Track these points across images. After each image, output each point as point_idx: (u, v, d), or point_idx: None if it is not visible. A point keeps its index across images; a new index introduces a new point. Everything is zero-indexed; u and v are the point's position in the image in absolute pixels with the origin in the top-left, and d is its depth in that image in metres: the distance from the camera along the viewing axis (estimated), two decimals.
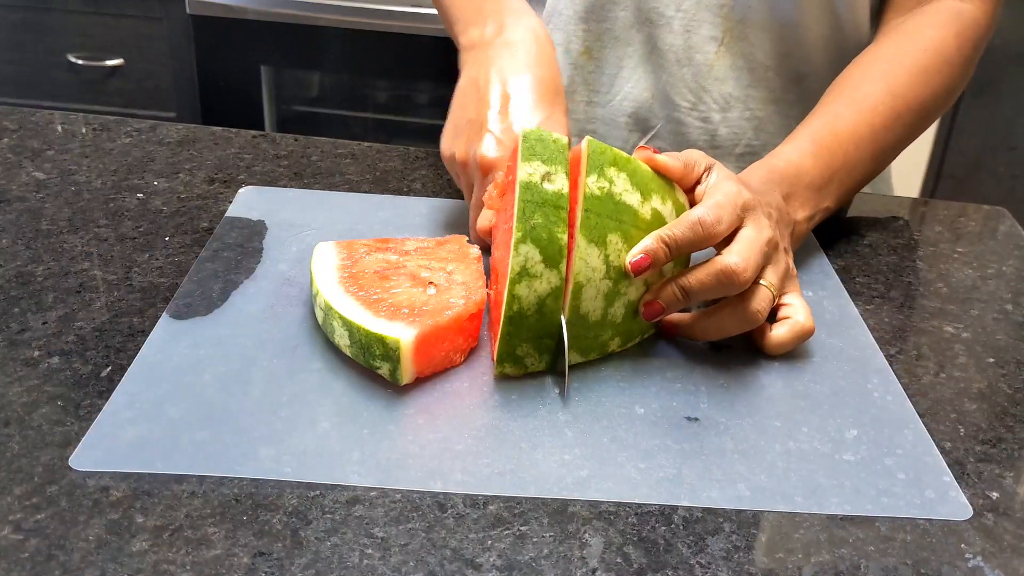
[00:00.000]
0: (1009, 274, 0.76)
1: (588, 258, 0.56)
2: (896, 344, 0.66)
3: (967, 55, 0.78)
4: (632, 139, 0.91)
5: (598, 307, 0.57)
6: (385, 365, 0.56)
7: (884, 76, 0.75)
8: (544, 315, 0.56)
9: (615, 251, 0.56)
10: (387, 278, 0.61)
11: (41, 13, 1.90)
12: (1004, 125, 2.08)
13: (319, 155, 0.87)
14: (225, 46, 1.88)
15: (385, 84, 1.97)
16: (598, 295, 0.57)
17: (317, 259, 0.63)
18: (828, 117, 0.74)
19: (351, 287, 0.59)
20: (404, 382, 0.56)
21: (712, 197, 0.59)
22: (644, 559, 0.47)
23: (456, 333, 0.58)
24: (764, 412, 0.57)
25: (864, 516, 0.50)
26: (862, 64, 0.77)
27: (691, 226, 0.58)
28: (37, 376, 0.56)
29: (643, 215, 0.58)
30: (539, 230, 0.55)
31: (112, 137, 0.88)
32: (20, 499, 0.48)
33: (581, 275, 0.56)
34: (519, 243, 0.54)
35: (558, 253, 0.55)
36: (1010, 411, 0.60)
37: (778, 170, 0.69)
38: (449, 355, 0.58)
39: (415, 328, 0.55)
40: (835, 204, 0.73)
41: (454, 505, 0.49)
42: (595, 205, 0.56)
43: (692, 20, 0.84)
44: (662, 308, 0.59)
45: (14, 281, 0.65)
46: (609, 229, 0.56)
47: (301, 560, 0.45)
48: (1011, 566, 0.48)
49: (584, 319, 0.57)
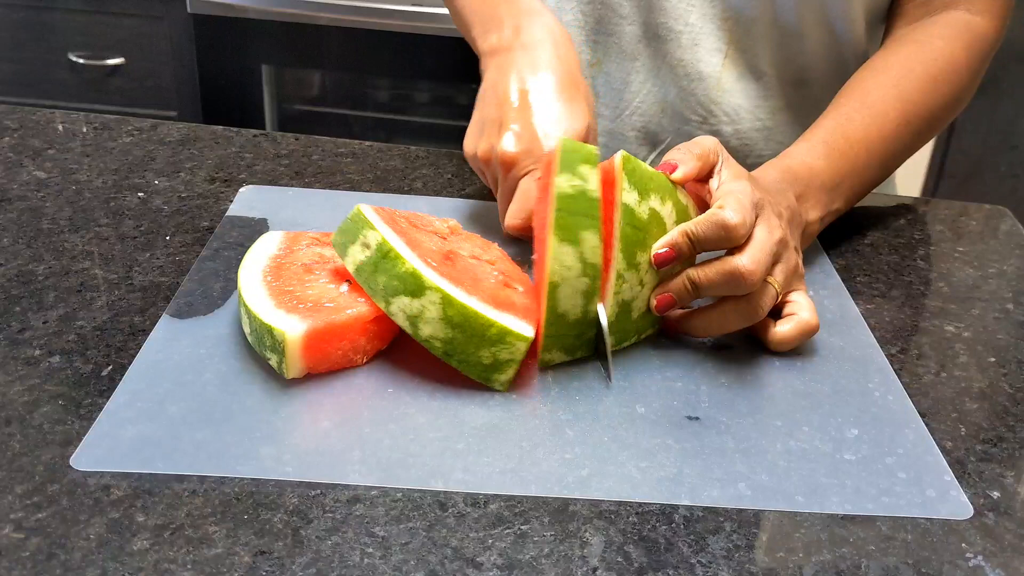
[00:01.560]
0: (1010, 273, 0.76)
1: (562, 257, 0.56)
2: (897, 343, 0.66)
3: (975, 67, 0.80)
4: (641, 153, 0.92)
5: (577, 305, 0.57)
6: (274, 357, 0.56)
7: (895, 83, 0.76)
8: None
9: (591, 249, 0.56)
10: (311, 271, 0.60)
11: (42, 12, 1.90)
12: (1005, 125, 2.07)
13: (320, 154, 0.87)
14: (226, 45, 1.88)
15: (386, 83, 1.97)
16: (575, 293, 0.56)
17: (255, 247, 0.63)
18: (840, 120, 0.74)
19: (269, 276, 0.59)
20: (289, 376, 0.56)
21: (733, 197, 0.59)
22: (645, 558, 0.47)
23: (357, 334, 0.57)
24: (765, 411, 0.57)
25: (865, 515, 0.50)
26: (873, 70, 0.78)
27: (716, 227, 0.58)
28: (38, 375, 0.56)
29: (640, 214, 0.58)
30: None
31: (113, 136, 0.88)
32: (21, 498, 0.48)
33: (556, 275, 0.56)
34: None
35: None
36: (1011, 410, 0.60)
37: (792, 170, 0.69)
38: (348, 355, 0.57)
39: (307, 323, 0.55)
40: (844, 206, 0.74)
41: (455, 504, 0.49)
42: (567, 204, 0.56)
43: (698, 33, 0.85)
44: (673, 301, 0.60)
45: (15, 280, 0.65)
46: (583, 227, 0.56)
47: (302, 559, 0.45)
48: (1012, 565, 0.48)
49: (563, 318, 0.57)
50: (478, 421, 0.55)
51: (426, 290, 0.54)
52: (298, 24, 1.83)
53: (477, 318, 0.54)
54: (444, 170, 0.85)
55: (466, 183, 0.83)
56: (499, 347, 0.55)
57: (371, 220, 0.57)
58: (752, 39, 0.85)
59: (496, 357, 0.55)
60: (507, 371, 0.56)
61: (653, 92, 0.89)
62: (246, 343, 0.59)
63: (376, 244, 0.56)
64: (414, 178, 0.83)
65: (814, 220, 0.70)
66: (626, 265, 0.57)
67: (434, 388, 0.57)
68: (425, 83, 1.96)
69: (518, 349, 0.55)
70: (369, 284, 0.56)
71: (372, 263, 0.56)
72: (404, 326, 0.55)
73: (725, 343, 0.63)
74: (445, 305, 0.54)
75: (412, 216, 0.64)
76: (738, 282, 0.58)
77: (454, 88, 1.94)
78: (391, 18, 1.79)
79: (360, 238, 0.57)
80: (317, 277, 0.60)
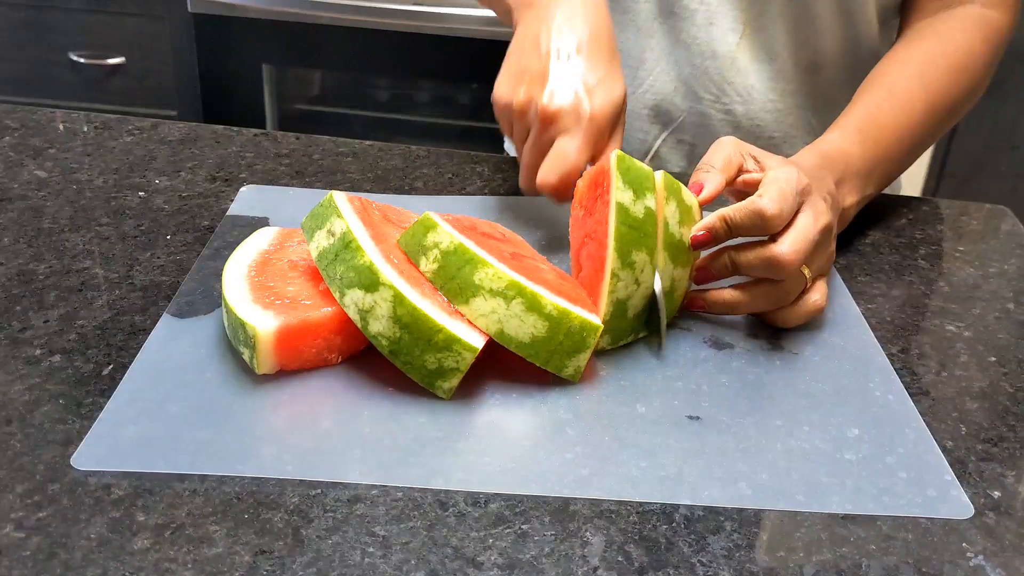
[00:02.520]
0: (1011, 273, 0.76)
1: (477, 309, 0.55)
2: (898, 343, 0.66)
3: (990, 59, 0.83)
4: (654, 131, 0.92)
5: (528, 323, 0.55)
6: (246, 351, 0.56)
7: (920, 75, 0.78)
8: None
9: (490, 281, 0.55)
10: (297, 268, 0.60)
11: (43, 12, 1.90)
12: (1007, 124, 2.07)
13: (320, 153, 0.87)
14: (227, 44, 1.88)
15: (386, 82, 1.97)
16: (516, 318, 0.55)
17: (248, 241, 0.63)
18: (870, 108, 0.76)
19: (253, 271, 0.59)
20: (260, 371, 0.56)
21: (775, 185, 0.60)
22: (645, 558, 0.47)
23: (332, 333, 0.56)
24: (765, 411, 0.57)
25: (865, 515, 0.50)
26: (897, 61, 0.80)
27: (753, 215, 0.60)
28: (39, 374, 0.56)
29: (634, 213, 0.58)
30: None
31: (114, 135, 0.88)
32: (22, 497, 0.48)
33: (490, 328, 0.55)
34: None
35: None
36: (1012, 410, 0.60)
37: (829, 156, 0.70)
38: (322, 353, 0.57)
39: (279, 320, 0.55)
40: (875, 191, 0.76)
41: (455, 503, 0.49)
42: (442, 273, 0.55)
43: (714, 12, 0.86)
44: (713, 277, 0.63)
45: (16, 279, 0.65)
46: (468, 275, 0.55)
47: (303, 558, 0.45)
48: (1013, 565, 0.48)
49: (533, 344, 0.56)
50: (479, 420, 0.55)
51: (380, 286, 0.54)
52: (299, 23, 1.83)
53: (426, 321, 0.53)
54: (445, 169, 0.85)
55: (467, 182, 0.83)
56: (445, 354, 0.54)
57: (340, 208, 0.57)
58: (767, 19, 0.86)
59: (441, 364, 0.54)
60: (451, 379, 0.55)
61: (667, 70, 0.89)
62: None
63: (340, 233, 0.56)
64: (415, 177, 0.83)
65: (851, 205, 0.72)
66: (621, 264, 0.57)
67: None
68: (426, 82, 1.96)
69: (464, 359, 0.54)
70: (328, 272, 0.56)
71: (334, 251, 0.56)
72: (355, 319, 0.55)
73: (726, 343, 0.63)
74: (396, 303, 0.53)
75: (388, 209, 0.63)
76: (776, 269, 0.60)
77: (455, 88, 1.94)
78: (392, 17, 1.79)
79: (327, 225, 0.57)
80: (301, 274, 0.59)
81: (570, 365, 0.56)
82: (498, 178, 0.84)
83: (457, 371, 0.54)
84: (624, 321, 0.60)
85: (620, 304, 0.59)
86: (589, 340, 0.56)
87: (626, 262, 0.58)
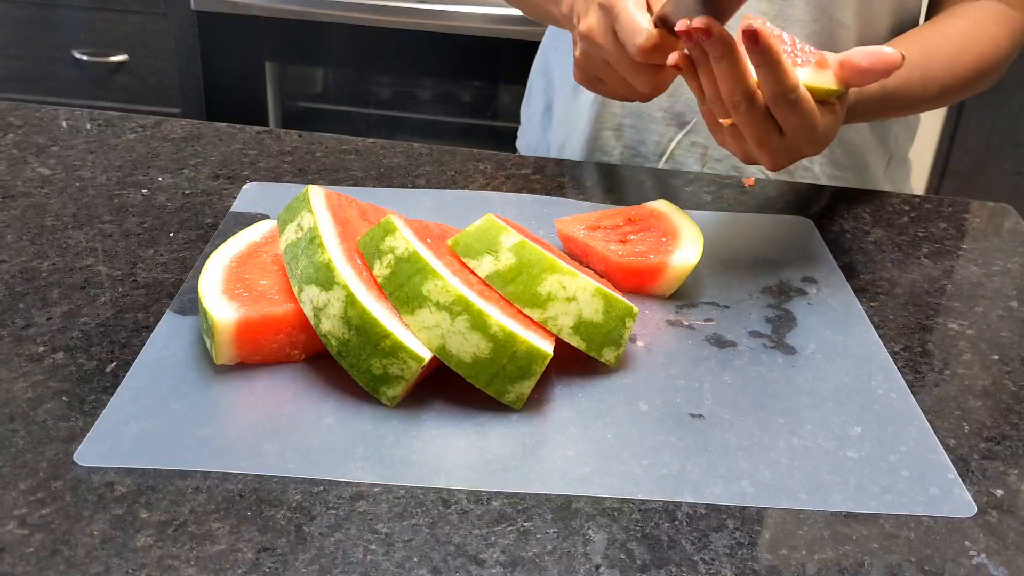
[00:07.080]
0: (1014, 271, 0.76)
1: (422, 321, 0.53)
2: (900, 341, 0.66)
3: (1012, 54, 0.87)
4: (669, 133, 0.92)
5: (472, 342, 0.53)
6: (209, 341, 0.56)
7: (947, 36, 0.83)
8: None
9: (438, 294, 0.53)
10: (279, 262, 0.60)
11: (46, 9, 1.90)
12: (1010, 122, 2.07)
13: (323, 151, 0.87)
14: (230, 42, 1.88)
15: (389, 80, 1.97)
16: (460, 335, 0.53)
17: (241, 233, 0.63)
18: (898, 47, 0.78)
19: (235, 263, 0.59)
20: (219, 362, 0.56)
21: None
22: (647, 555, 0.47)
23: (296, 329, 0.56)
24: (768, 409, 0.57)
25: (868, 513, 0.50)
26: (934, 31, 0.84)
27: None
28: (42, 372, 0.56)
29: (501, 270, 0.56)
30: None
31: (117, 133, 0.88)
32: (25, 494, 0.48)
33: (432, 342, 0.53)
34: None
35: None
36: (1014, 408, 0.60)
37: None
38: (284, 349, 0.57)
39: (240, 312, 0.55)
40: (890, 94, 0.78)
41: (458, 501, 0.49)
42: (392, 279, 0.54)
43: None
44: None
45: (19, 277, 0.65)
46: (417, 285, 0.53)
47: (305, 556, 0.45)
48: (1015, 564, 0.48)
49: (474, 365, 0.54)
50: (480, 418, 0.55)
51: (335, 284, 0.53)
52: (302, 21, 1.83)
53: (375, 325, 0.52)
54: (447, 167, 0.85)
55: (469, 180, 0.83)
56: (391, 360, 0.53)
57: (313, 203, 0.57)
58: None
59: (387, 370, 0.53)
60: (396, 387, 0.53)
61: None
62: None
63: (308, 228, 0.56)
64: (417, 175, 0.83)
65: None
66: (542, 314, 0.55)
67: (436, 386, 0.57)
68: (429, 80, 1.96)
69: (409, 367, 0.53)
70: (291, 266, 0.56)
71: (299, 246, 0.56)
72: (309, 316, 0.55)
73: (728, 340, 0.63)
74: (348, 304, 0.53)
75: (372, 209, 0.63)
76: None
77: (458, 85, 1.94)
78: (395, 15, 1.79)
79: (298, 219, 0.57)
80: (280, 269, 0.59)
81: (512, 391, 0.54)
82: (500, 176, 0.84)
83: (402, 379, 0.53)
84: (598, 332, 0.57)
85: (595, 326, 0.56)
86: (535, 368, 0.53)
87: (548, 316, 0.55)
